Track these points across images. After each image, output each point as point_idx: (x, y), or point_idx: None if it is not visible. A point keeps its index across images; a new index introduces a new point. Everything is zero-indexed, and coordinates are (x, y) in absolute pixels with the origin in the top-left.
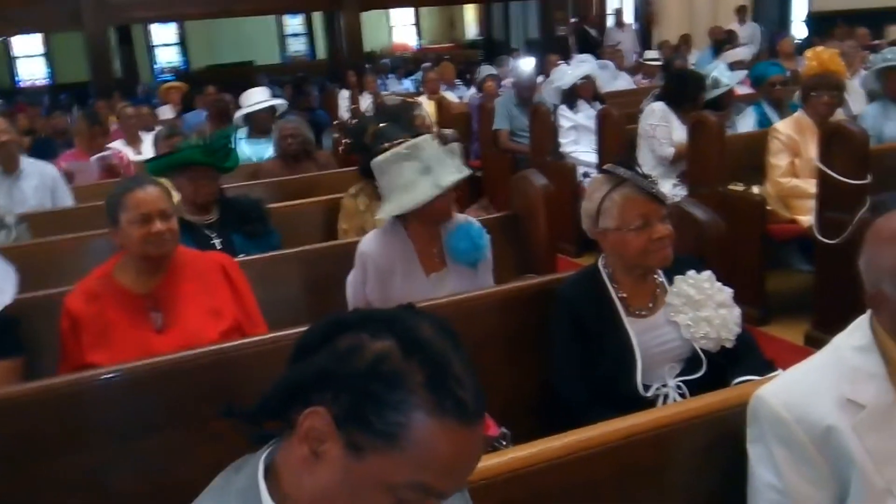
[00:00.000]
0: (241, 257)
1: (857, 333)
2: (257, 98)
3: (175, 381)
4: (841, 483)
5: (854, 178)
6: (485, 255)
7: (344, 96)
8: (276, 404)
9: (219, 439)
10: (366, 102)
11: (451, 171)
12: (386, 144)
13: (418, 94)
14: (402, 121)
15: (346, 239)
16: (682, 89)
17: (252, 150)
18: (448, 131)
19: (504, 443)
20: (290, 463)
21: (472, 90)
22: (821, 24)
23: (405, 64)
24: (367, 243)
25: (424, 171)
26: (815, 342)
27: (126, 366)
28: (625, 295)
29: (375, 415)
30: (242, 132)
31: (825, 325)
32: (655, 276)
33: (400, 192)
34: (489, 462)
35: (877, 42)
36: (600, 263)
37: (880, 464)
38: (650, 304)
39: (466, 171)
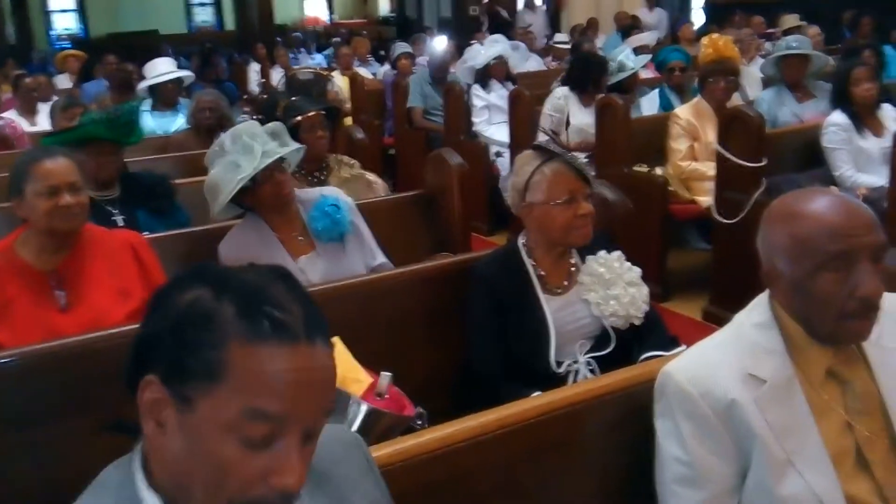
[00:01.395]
0: (146, 235)
1: (756, 311)
2: (162, 69)
3: (78, 364)
4: (744, 455)
5: (750, 160)
6: (348, 228)
7: (254, 69)
8: (129, 388)
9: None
10: (277, 76)
11: (265, 153)
12: (298, 118)
13: (331, 69)
14: (313, 95)
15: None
16: (585, 73)
17: (157, 123)
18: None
19: (420, 422)
20: (150, 444)
21: (387, 67)
22: (718, 12)
23: (317, 38)
24: (224, 245)
25: (241, 159)
26: (712, 318)
27: (23, 349)
28: (543, 273)
29: (193, 359)
30: (146, 104)
31: (722, 301)
32: (571, 255)
33: (225, 185)
34: (406, 443)
35: (771, 30)
36: (520, 241)
37: (780, 436)
38: (565, 283)
39: (285, 149)
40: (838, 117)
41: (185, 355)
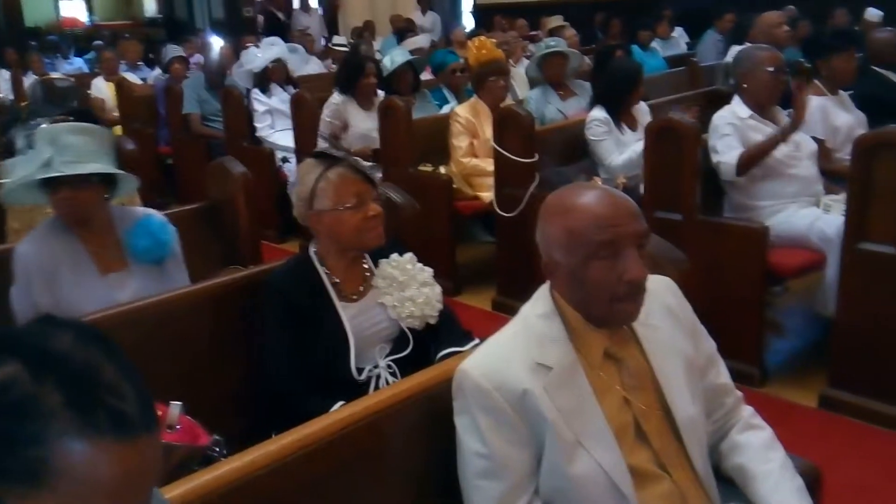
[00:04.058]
0: None
1: (539, 302)
2: None
3: None
4: (538, 441)
5: (524, 156)
6: (171, 251)
7: (4, 77)
8: None
9: None
10: (30, 83)
11: (47, 165)
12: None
13: (93, 74)
14: (69, 103)
15: (17, 241)
16: (346, 77)
17: None
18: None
19: (218, 450)
20: None
21: (157, 71)
22: (485, 15)
23: (76, 41)
24: (25, 244)
25: (34, 159)
26: (501, 307)
27: None
28: (337, 280)
29: (11, 457)
30: None
31: (508, 291)
32: (364, 260)
33: (16, 171)
34: (203, 478)
35: (535, 33)
36: (311, 250)
37: (569, 418)
38: (361, 288)
39: (84, 169)
40: (599, 113)
41: (1, 451)
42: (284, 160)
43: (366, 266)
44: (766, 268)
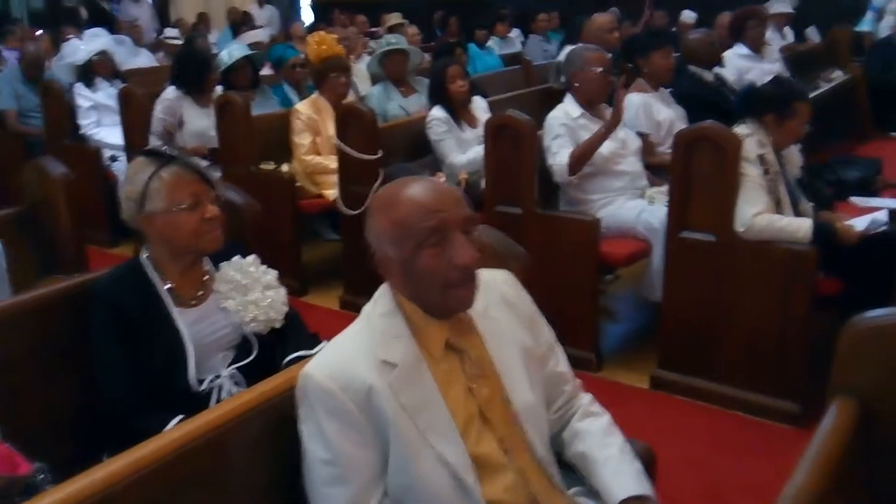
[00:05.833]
0: None
1: (381, 301)
2: None
3: None
4: (384, 440)
5: (367, 153)
6: None
7: None
8: None
9: None
10: None
11: None
12: None
13: None
14: None
15: None
16: (187, 72)
17: None
18: None
19: (42, 477)
20: None
21: None
22: (324, 10)
23: None
24: None
25: None
26: (349, 305)
27: None
28: (173, 285)
29: None
30: None
31: (355, 288)
32: (203, 264)
33: None
34: None
35: (375, 29)
36: (143, 255)
37: (414, 414)
38: (200, 293)
39: None
40: (438, 112)
41: None
42: (113, 159)
43: (206, 270)
44: (598, 257)
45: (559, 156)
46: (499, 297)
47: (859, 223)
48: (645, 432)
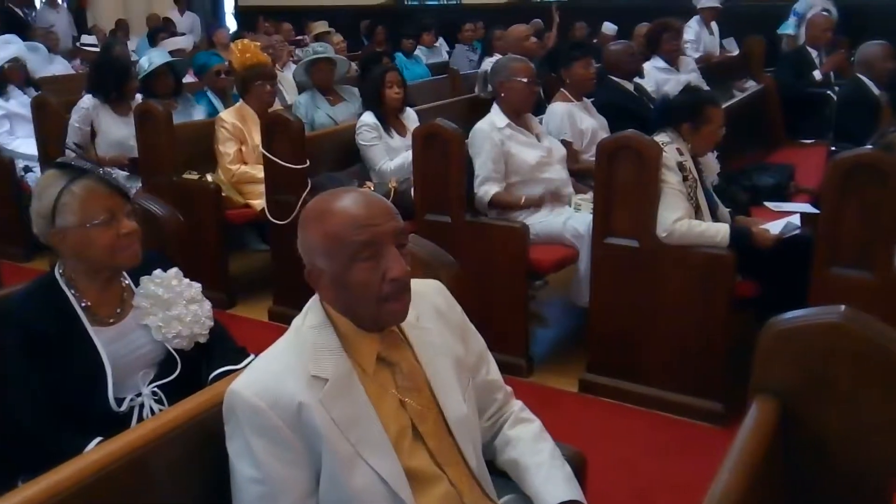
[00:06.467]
0: None
1: (311, 314)
2: None
3: None
4: (315, 457)
5: (295, 163)
6: None
7: None
8: None
9: None
10: None
11: None
12: None
13: None
14: None
15: None
16: (105, 79)
17: None
18: None
19: None
20: None
21: None
22: (248, 17)
23: None
24: None
25: None
26: (278, 317)
27: None
28: (89, 303)
29: None
30: None
31: (285, 300)
32: (122, 279)
33: None
34: None
35: (300, 37)
36: (57, 272)
37: (346, 429)
38: (118, 310)
39: None
40: (368, 118)
41: None
42: (27, 170)
43: (125, 285)
44: (527, 264)
45: (484, 189)
46: (431, 308)
47: (774, 227)
48: (575, 436)
